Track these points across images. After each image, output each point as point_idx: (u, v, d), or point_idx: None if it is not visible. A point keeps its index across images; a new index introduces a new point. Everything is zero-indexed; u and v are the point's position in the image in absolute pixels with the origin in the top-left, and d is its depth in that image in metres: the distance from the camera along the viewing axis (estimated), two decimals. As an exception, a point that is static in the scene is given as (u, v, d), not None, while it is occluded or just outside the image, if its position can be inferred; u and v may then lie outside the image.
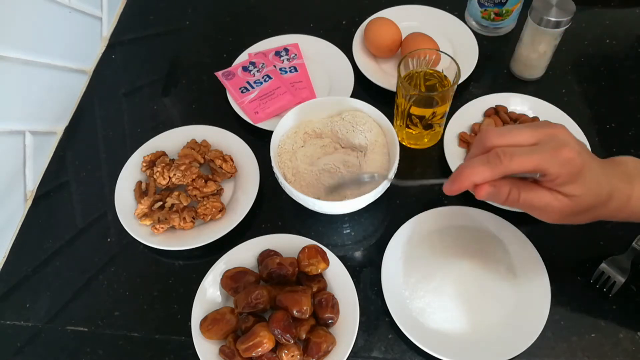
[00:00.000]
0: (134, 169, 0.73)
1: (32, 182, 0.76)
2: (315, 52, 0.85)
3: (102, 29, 0.91)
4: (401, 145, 0.70)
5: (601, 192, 0.48)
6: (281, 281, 0.62)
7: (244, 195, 0.70)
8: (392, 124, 0.68)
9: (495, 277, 0.63)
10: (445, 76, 0.70)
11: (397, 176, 0.64)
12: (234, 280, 0.62)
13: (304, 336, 0.59)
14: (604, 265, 0.63)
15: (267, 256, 0.64)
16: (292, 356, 0.57)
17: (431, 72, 0.70)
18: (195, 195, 0.69)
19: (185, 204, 0.69)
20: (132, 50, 0.90)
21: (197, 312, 0.62)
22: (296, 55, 0.84)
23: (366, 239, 0.69)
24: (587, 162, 0.46)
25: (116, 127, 0.81)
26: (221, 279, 0.63)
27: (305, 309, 0.58)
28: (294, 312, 0.58)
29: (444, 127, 0.74)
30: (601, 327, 0.61)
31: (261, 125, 0.77)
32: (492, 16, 0.84)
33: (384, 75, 0.81)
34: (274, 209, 0.72)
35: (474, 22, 0.87)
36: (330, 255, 0.64)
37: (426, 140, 0.75)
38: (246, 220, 0.68)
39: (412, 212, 0.68)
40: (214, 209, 0.68)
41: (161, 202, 0.69)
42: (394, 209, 0.71)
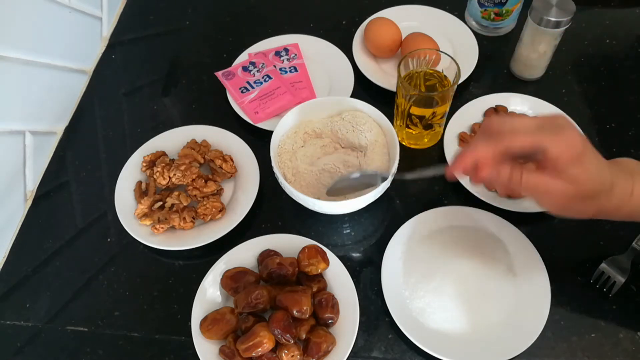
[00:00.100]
0: (134, 169, 0.73)
1: (32, 182, 0.76)
2: (315, 52, 0.85)
3: (102, 29, 0.90)
4: (401, 145, 0.70)
5: (604, 180, 0.47)
6: (281, 281, 0.62)
7: (244, 195, 0.70)
8: (392, 124, 0.68)
9: (495, 277, 0.63)
10: (445, 76, 0.70)
11: (397, 176, 0.64)
12: (234, 280, 0.62)
13: (304, 336, 0.59)
14: (604, 265, 0.63)
15: (267, 256, 0.64)
16: (292, 356, 0.57)
17: (431, 72, 0.70)
18: (195, 195, 0.69)
19: (185, 204, 0.69)
20: (132, 50, 0.90)
21: (197, 312, 0.62)
22: (296, 55, 0.84)
23: (366, 239, 0.69)
24: (589, 148, 0.46)
25: (116, 127, 0.81)
26: (221, 279, 0.63)
27: (305, 309, 0.58)
28: (294, 312, 0.58)
29: (444, 127, 0.74)
30: (601, 327, 0.61)
31: (261, 125, 0.77)
32: (492, 16, 0.84)
33: (384, 75, 0.81)
34: (274, 209, 0.72)
35: (474, 22, 0.87)
36: (330, 255, 0.64)
37: (426, 140, 0.75)
38: (246, 220, 0.68)
39: (412, 212, 0.68)
40: (214, 209, 0.68)
41: (161, 202, 0.69)
42: (394, 209, 0.71)
